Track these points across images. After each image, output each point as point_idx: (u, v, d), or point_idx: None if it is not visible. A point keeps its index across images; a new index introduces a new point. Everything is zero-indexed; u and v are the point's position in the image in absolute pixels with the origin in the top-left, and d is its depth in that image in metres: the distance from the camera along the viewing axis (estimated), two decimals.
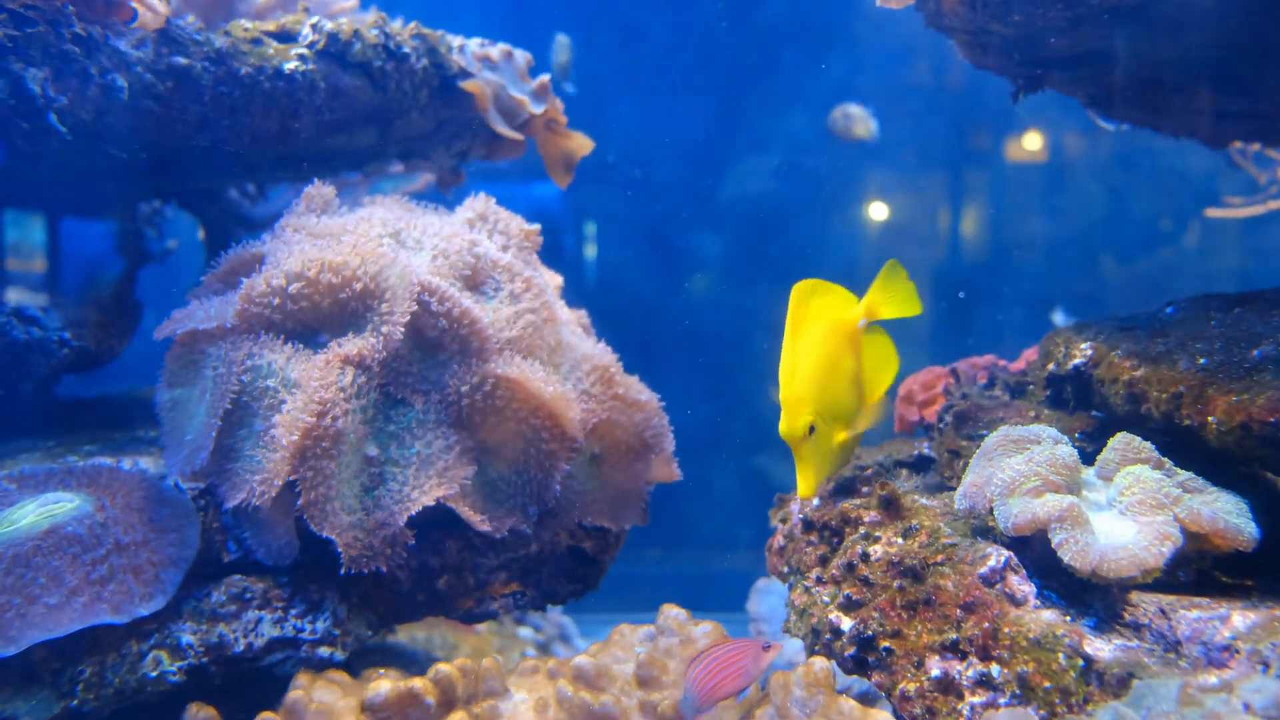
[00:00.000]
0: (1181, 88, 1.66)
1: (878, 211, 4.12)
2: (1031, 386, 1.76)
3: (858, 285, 1.47)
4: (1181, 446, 1.25)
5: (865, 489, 1.49)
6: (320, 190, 1.71)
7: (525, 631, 2.72)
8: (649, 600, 1.64)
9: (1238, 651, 1.03)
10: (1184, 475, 1.21)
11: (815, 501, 1.53)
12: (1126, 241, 3.99)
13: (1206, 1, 1.33)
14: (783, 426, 1.35)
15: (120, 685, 1.34)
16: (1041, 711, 1.08)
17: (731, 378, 4.05)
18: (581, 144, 2.27)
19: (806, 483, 1.37)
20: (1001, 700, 1.12)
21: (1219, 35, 1.46)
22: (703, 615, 1.46)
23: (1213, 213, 3.31)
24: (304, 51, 1.81)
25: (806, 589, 1.42)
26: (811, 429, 1.34)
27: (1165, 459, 1.23)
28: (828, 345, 1.39)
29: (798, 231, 4.17)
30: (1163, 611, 1.10)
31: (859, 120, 3.62)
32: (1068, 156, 4.01)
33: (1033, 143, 4.03)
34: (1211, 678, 0.98)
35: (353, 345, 1.45)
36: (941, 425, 1.72)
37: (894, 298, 1.45)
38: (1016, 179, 4.12)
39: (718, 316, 4.18)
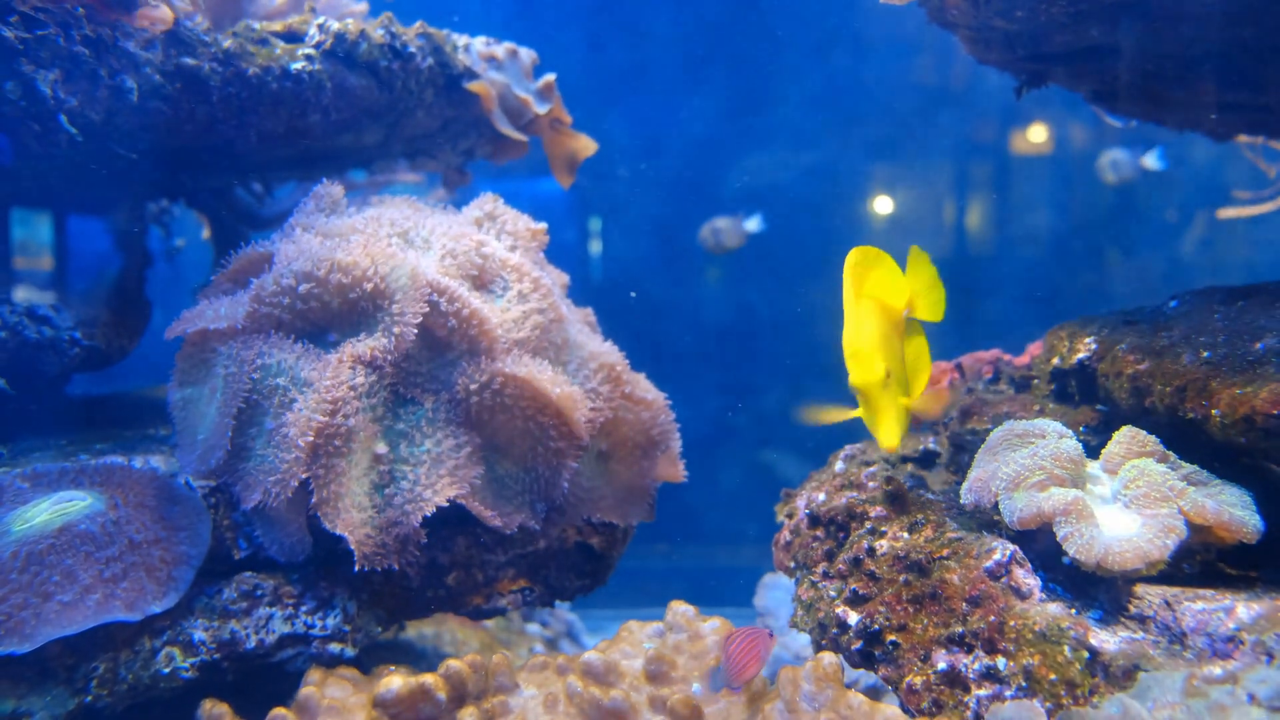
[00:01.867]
0: (1184, 81, 1.66)
1: (883, 205, 4.12)
2: (1036, 381, 1.77)
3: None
4: (1186, 440, 1.26)
5: (871, 484, 1.50)
6: (329, 190, 1.72)
7: (533, 628, 2.74)
8: (656, 595, 1.65)
9: (1242, 643, 1.04)
10: (1188, 468, 1.22)
11: (821, 496, 1.53)
12: (1131, 234, 3.99)
13: None
14: (857, 376, 1.27)
15: (134, 681, 1.36)
16: (1047, 704, 1.09)
17: (738, 373, 4.06)
18: (585, 145, 2.28)
19: (890, 431, 1.29)
20: (1007, 693, 1.13)
21: (1221, 28, 1.46)
22: (710, 610, 1.47)
23: (1225, 213, 3.29)
24: (310, 52, 1.82)
25: (813, 584, 1.43)
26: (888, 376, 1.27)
27: (1170, 452, 1.24)
28: (886, 316, 1.34)
29: (804, 226, 4.17)
30: (1167, 603, 1.10)
31: (728, 232, 3.59)
32: (1073, 149, 4.00)
33: (1038, 135, 4.03)
34: (1216, 669, 0.99)
35: (364, 345, 1.46)
36: (947, 420, 1.72)
37: (927, 299, 1.41)
38: (1021, 172, 4.12)
39: (724, 312, 4.18)
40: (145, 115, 1.67)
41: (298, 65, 1.80)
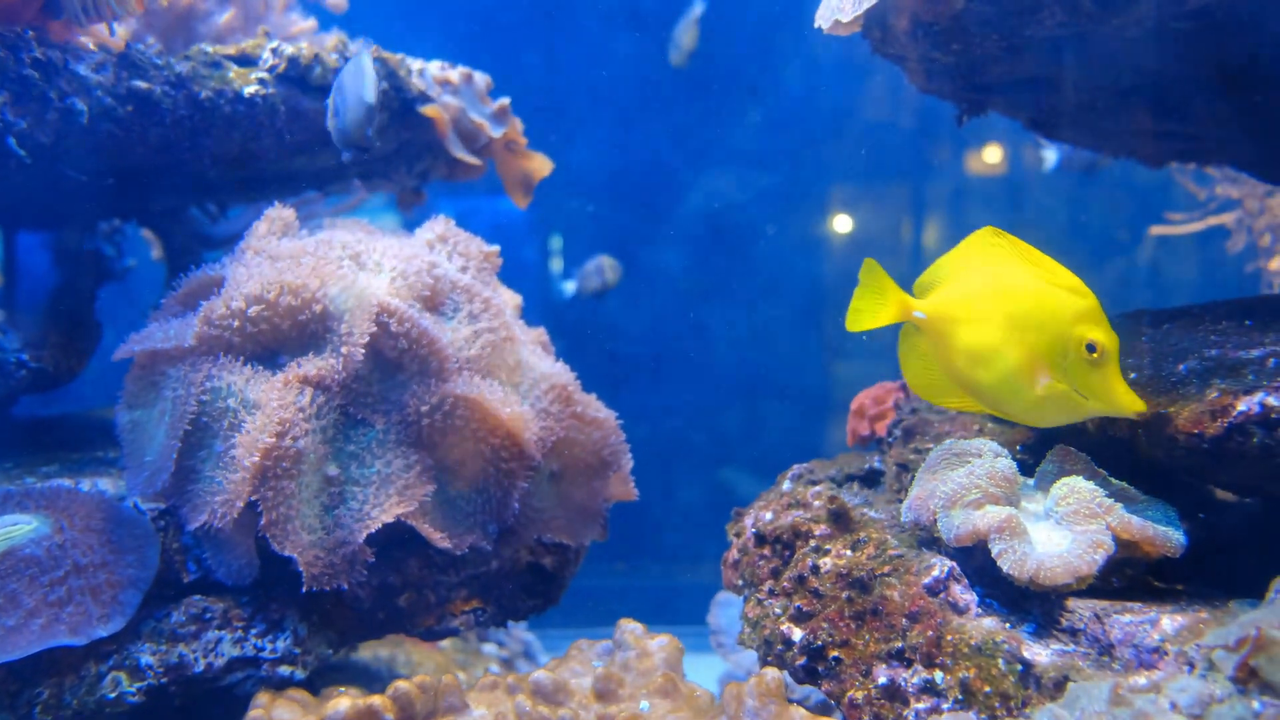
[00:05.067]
0: (1117, 111, 1.72)
1: (841, 225, 4.18)
2: None
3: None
4: (1116, 457, 1.30)
5: (816, 503, 1.53)
6: (281, 213, 1.72)
7: (489, 648, 2.73)
8: (614, 614, 1.67)
9: (1166, 653, 1.08)
10: (1118, 485, 1.26)
11: (768, 515, 1.56)
12: (1082, 253, 4.08)
13: (1135, 32, 1.39)
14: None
15: (79, 707, 1.34)
16: (983, 715, 1.12)
17: (694, 391, 4.09)
18: (541, 165, 2.30)
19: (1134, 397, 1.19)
20: (945, 705, 1.16)
21: (1149, 63, 1.52)
22: (667, 628, 1.49)
23: (1157, 230, 3.42)
24: (264, 75, 1.83)
25: (759, 601, 1.45)
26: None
27: (1100, 470, 1.28)
28: None
29: (760, 246, 4.23)
30: (1097, 616, 1.14)
31: (608, 269, 3.75)
32: (1025, 169, 4.09)
33: (992, 156, 4.11)
34: (1141, 679, 1.03)
35: (312, 366, 1.47)
36: (891, 439, 1.76)
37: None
38: (976, 191, 4.21)
39: (680, 331, 4.22)
40: (96, 137, 1.67)
41: (251, 89, 1.80)
